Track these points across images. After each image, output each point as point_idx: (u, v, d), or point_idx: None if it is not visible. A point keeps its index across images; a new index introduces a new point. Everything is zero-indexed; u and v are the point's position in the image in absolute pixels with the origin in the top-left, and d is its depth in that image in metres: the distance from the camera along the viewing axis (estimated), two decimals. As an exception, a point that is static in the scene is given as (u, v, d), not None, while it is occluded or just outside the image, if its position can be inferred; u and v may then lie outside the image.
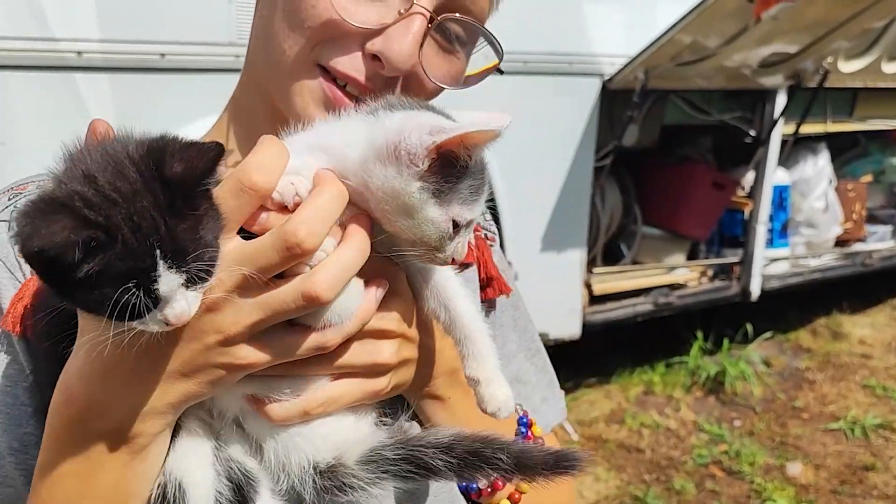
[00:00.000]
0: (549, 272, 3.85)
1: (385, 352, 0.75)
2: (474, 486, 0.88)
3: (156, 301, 0.59)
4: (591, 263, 4.31)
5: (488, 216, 1.05)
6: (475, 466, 0.73)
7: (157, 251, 0.58)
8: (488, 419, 0.80)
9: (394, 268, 0.74)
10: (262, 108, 0.90)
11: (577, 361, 4.81)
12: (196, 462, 0.71)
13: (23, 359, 0.79)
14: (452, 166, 0.64)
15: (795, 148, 5.22)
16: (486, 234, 1.01)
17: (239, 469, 0.72)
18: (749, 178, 4.77)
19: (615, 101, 3.91)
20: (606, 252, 4.54)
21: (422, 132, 0.62)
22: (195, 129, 2.72)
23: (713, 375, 4.88)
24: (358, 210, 0.68)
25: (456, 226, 0.68)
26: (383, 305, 0.73)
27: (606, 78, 3.73)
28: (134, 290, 0.57)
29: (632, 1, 3.87)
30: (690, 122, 4.47)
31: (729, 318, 5.32)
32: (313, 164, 0.67)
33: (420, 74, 0.83)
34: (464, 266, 0.94)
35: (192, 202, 0.60)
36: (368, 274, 0.71)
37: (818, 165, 5.26)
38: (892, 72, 4.88)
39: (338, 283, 0.64)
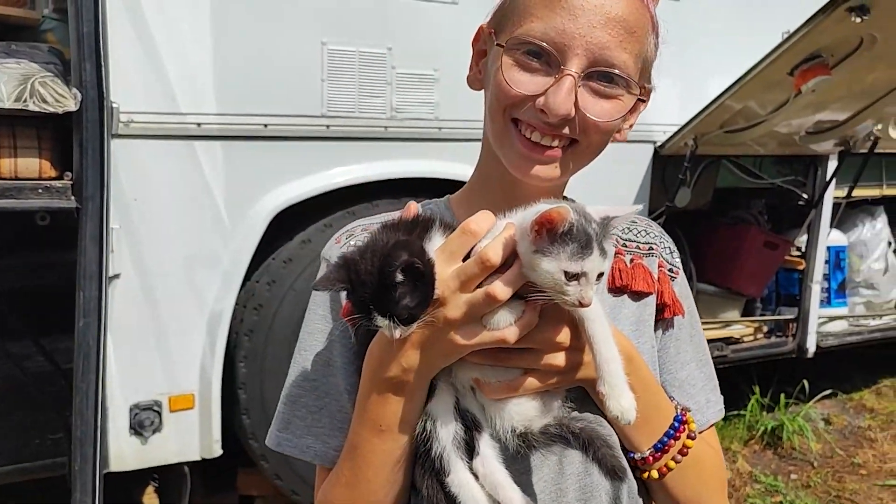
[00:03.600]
0: (605, 323, 4.13)
1: (559, 358, 1.06)
2: (632, 454, 1.16)
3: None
4: (647, 317, 4.56)
5: (676, 256, 1.36)
6: (587, 446, 1.10)
7: (371, 307, 1.00)
8: (657, 399, 1.17)
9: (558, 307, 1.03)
10: (497, 173, 1.24)
11: (635, 411, 5.01)
12: (444, 409, 1.09)
13: (350, 333, 1.21)
14: (558, 235, 0.95)
15: (853, 211, 5.39)
16: (670, 269, 1.33)
17: (470, 415, 1.10)
18: (804, 238, 4.96)
19: (668, 165, 4.23)
20: (663, 307, 4.78)
21: (531, 216, 0.96)
22: (293, 187, 3.16)
23: (771, 430, 5.01)
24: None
25: (573, 276, 0.96)
26: (554, 327, 1.05)
27: (658, 144, 4.06)
28: (362, 316, 1.01)
29: (683, 75, 4.22)
30: (743, 185, 4.74)
31: (790, 376, 5.44)
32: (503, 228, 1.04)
33: (581, 116, 1.13)
34: (646, 294, 1.27)
35: (385, 281, 0.98)
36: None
37: (876, 228, 5.40)
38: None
39: (507, 291, 0.99)
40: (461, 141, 3.54)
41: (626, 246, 1.30)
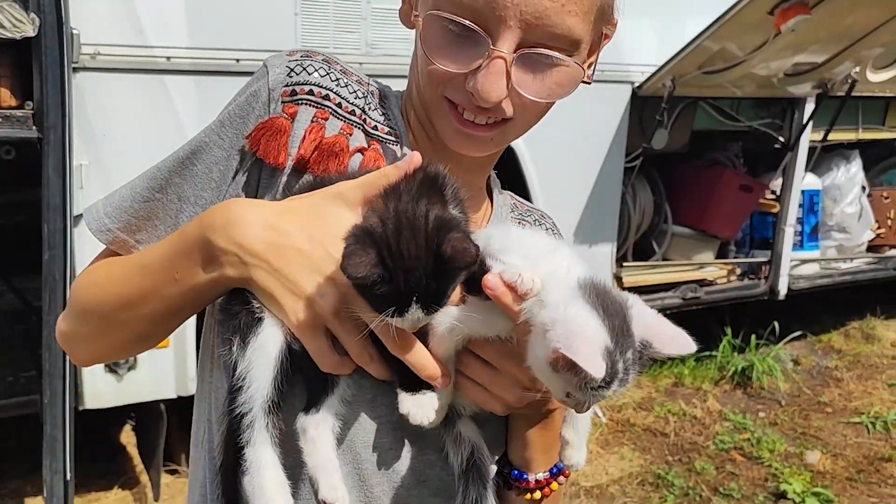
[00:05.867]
0: (581, 264, 4.16)
1: (511, 395, 0.96)
2: (525, 475, 1.07)
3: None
4: (622, 259, 4.61)
5: None
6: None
7: (414, 298, 0.83)
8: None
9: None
10: (426, 117, 1.10)
11: (609, 352, 5.09)
12: (265, 359, 0.89)
13: (247, 167, 1.05)
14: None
15: (828, 155, 5.43)
16: None
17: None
18: (779, 182, 5.00)
19: (646, 106, 4.21)
20: (639, 248, 4.83)
21: (551, 344, 0.80)
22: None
23: (741, 370, 5.12)
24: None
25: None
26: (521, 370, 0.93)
27: (636, 85, 4.04)
28: (393, 310, 0.83)
29: (662, 14, 4.17)
30: (720, 128, 4.74)
31: (762, 319, 5.54)
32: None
33: (516, 94, 0.98)
34: None
35: (450, 272, 0.84)
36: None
37: (850, 172, 5.45)
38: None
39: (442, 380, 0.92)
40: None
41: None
